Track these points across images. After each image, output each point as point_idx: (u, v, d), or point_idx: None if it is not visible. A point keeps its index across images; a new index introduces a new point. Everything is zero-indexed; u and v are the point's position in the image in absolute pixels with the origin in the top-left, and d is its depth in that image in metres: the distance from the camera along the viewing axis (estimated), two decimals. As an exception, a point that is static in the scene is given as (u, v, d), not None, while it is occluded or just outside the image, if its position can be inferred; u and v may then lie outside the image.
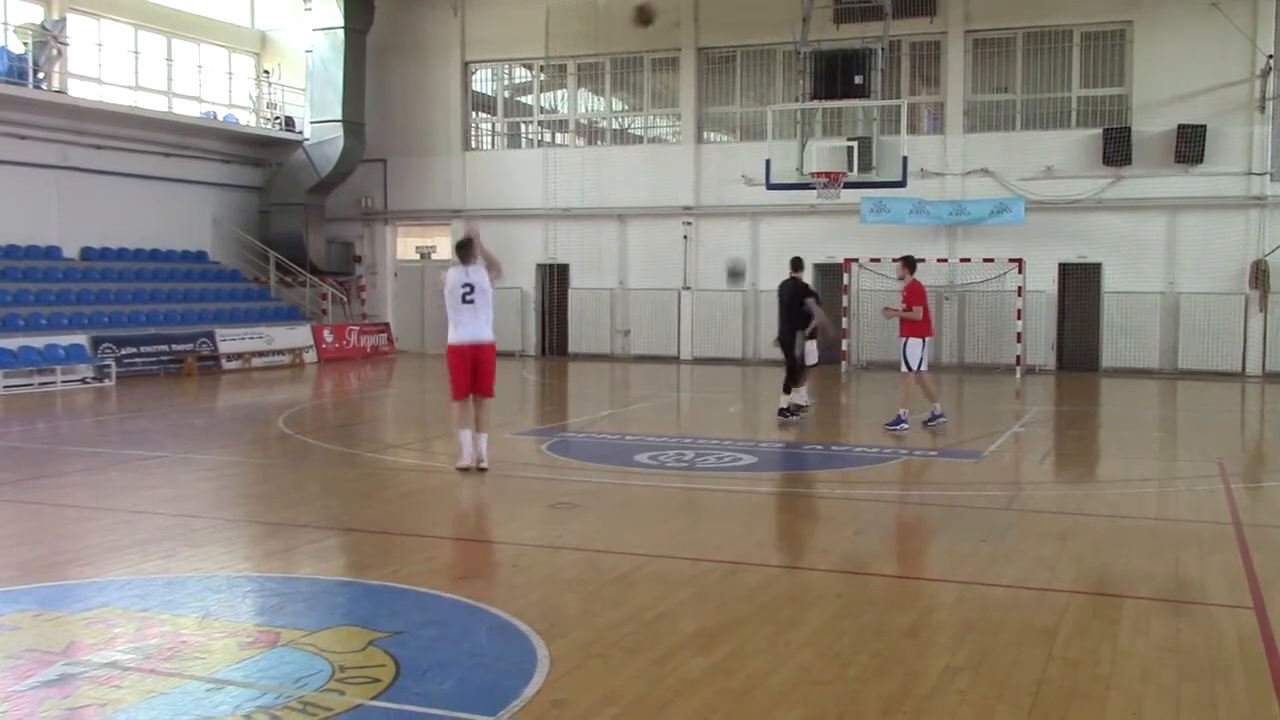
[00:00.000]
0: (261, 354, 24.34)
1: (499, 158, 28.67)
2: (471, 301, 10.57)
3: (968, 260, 23.56)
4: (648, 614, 6.17)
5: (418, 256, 29.58)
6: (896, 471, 11.66)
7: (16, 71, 21.91)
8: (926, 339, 14.05)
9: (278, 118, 28.25)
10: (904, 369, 14.10)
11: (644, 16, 16.77)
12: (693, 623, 6.04)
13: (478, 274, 10.66)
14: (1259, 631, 5.86)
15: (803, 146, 21.40)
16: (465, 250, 10.76)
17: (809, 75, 21.73)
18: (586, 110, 28.46)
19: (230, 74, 28.40)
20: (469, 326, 10.63)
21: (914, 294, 13.93)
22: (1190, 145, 22.32)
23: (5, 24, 22.47)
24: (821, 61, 21.32)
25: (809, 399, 16.15)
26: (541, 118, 28.62)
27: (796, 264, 15.24)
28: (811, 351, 15.84)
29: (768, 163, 21.88)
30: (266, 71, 28.80)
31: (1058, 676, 5.20)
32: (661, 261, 26.56)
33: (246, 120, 28.14)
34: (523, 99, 29.13)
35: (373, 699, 4.83)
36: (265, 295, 27.15)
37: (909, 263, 14.30)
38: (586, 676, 5.17)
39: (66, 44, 23.10)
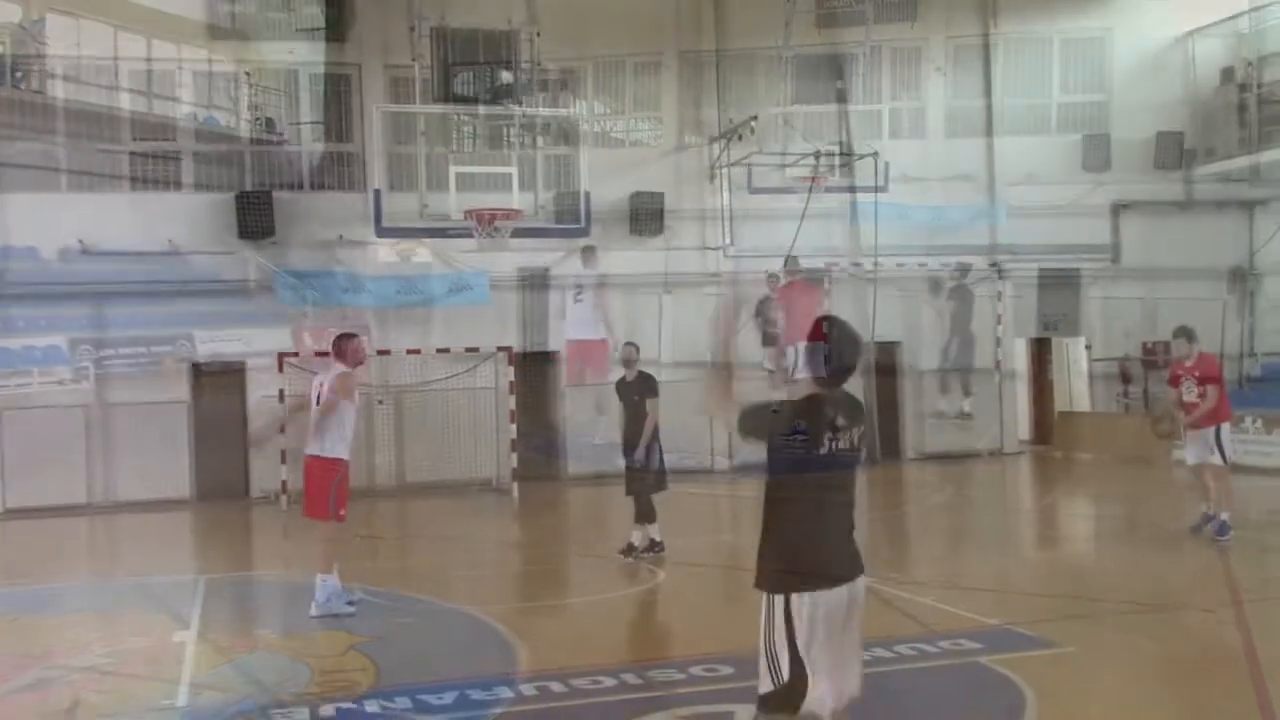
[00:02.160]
0: (242, 355, 24.08)
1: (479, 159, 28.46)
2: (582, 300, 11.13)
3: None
4: (628, 618, 6.16)
5: (398, 259, 29.34)
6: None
7: (-6, 71, 21.70)
8: None
9: (259, 119, 28.07)
10: None
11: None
12: (677, 630, 6.03)
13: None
14: (1240, 635, 5.89)
15: (783, 151, 21.37)
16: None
17: (790, 80, 21.71)
18: (567, 114, 28.29)
19: (211, 75, 28.20)
20: None
21: None
22: (1167, 151, 22.42)
23: (-17, 23, 22.26)
24: (803, 66, 21.31)
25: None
26: (522, 121, 28.45)
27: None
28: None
29: (748, 167, 21.81)
30: (248, 73, 28.61)
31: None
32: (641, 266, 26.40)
33: (227, 121, 27.94)
34: (503, 102, 28.95)
35: (353, 702, 4.80)
36: (245, 297, 26.89)
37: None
38: (570, 680, 5.14)
39: (45, 44, 22.89)
